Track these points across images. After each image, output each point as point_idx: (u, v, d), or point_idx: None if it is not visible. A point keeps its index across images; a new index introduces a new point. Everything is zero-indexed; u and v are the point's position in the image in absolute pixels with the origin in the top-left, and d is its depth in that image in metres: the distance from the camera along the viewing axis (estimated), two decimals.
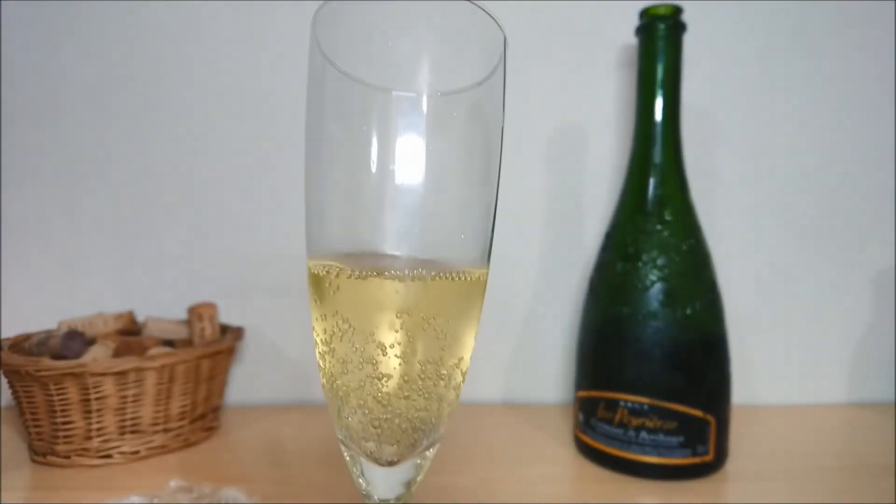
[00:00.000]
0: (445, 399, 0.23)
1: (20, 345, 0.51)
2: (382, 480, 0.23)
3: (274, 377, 0.63)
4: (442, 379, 0.22)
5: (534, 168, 0.61)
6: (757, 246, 0.62)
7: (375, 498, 0.23)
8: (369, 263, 0.21)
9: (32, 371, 0.44)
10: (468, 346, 0.23)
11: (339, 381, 0.22)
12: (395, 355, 0.21)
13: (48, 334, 0.51)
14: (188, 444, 0.50)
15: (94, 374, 0.44)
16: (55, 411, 0.45)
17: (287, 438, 0.53)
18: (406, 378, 0.21)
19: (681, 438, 0.43)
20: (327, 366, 0.22)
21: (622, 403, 0.44)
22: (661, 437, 0.43)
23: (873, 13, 0.60)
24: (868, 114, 0.61)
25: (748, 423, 0.54)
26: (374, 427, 0.22)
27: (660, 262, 0.44)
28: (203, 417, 0.52)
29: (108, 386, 0.45)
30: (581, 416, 0.48)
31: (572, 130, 0.61)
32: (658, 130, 0.45)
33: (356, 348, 0.21)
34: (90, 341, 0.51)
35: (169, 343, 0.55)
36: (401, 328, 0.21)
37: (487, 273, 0.23)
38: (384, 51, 0.21)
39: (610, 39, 0.60)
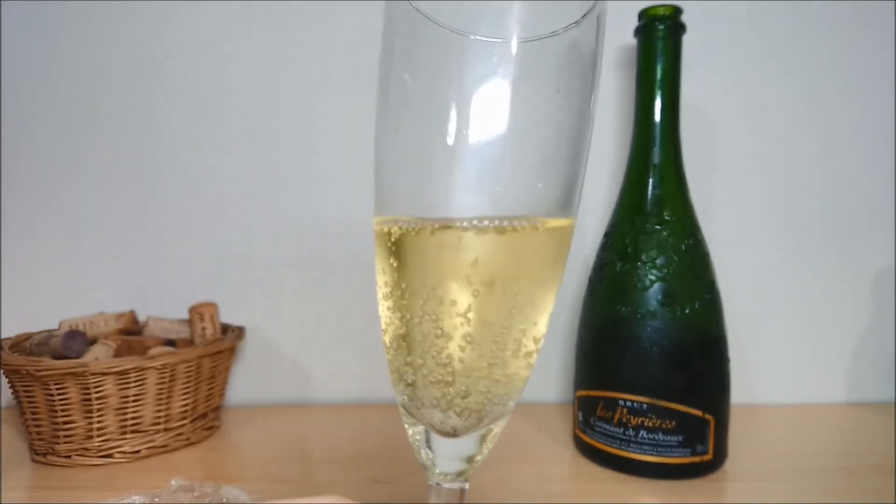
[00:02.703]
0: (513, 367, 0.21)
1: (21, 344, 0.51)
2: (444, 452, 0.22)
3: (275, 377, 0.63)
4: (511, 344, 0.21)
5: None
6: (756, 246, 0.62)
7: (437, 470, 0.22)
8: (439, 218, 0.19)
9: (33, 371, 0.44)
10: (544, 310, 0.21)
11: (402, 341, 0.21)
12: (459, 314, 0.19)
13: (49, 334, 0.51)
14: (189, 444, 0.50)
15: (95, 374, 0.44)
16: (56, 411, 0.46)
17: (288, 438, 0.53)
18: (470, 340, 0.20)
19: (680, 438, 0.43)
20: (390, 325, 0.21)
21: (621, 403, 0.44)
22: (660, 436, 0.43)
23: (873, 13, 0.60)
24: (868, 114, 0.61)
25: (747, 423, 0.54)
26: (437, 394, 0.20)
27: (659, 261, 0.44)
28: (204, 417, 0.52)
29: (109, 385, 0.45)
30: (580, 416, 0.48)
31: None
32: (657, 131, 0.45)
33: (420, 306, 0.20)
34: (91, 341, 0.51)
35: (170, 342, 0.55)
36: (467, 285, 0.19)
37: (573, 224, 0.21)
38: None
39: (610, 39, 0.60)
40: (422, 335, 0.20)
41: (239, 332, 0.55)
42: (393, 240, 0.20)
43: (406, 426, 0.23)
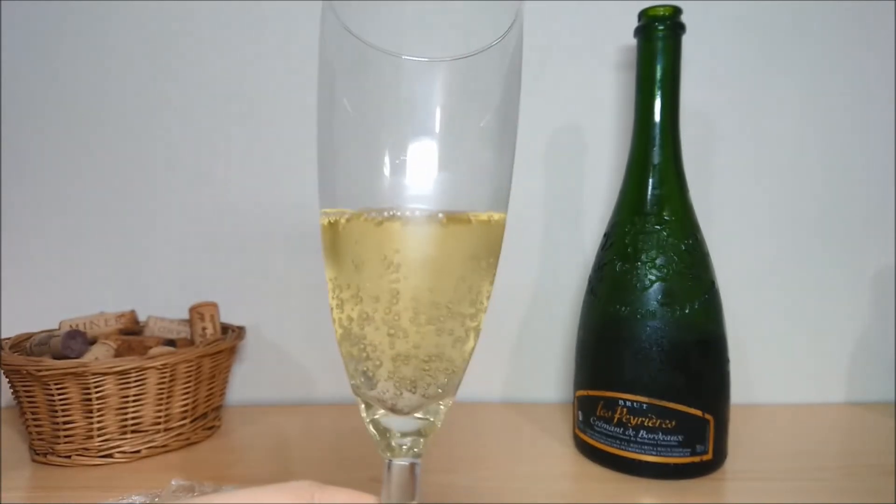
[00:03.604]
0: (452, 349, 0.23)
1: (21, 344, 0.51)
2: (395, 429, 0.23)
3: (275, 376, 0.63)
4: (450, 328, 0.22)
5: (533, 168, 0.61)
6: (756, 245, 0.62)
7: (390, 446, 0.24)
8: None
9: (33, 371, 0.44)
10: (480, 297, 0.23)
11: (351, 328, 0.23)
12: (406, 296, 0.21)
13: (49, 334, 0.51)
14: (189, 444, 0.51)
15: (95, 374, 0.45)
16: (56, 411, 0.46)
17: (288, 437, 0.53)
18: (413, 322, 0.21)
19: (680, 438, 0.43)
20: (341, 313, 0.23)
21: (621, 402, 0.44)
22: (660, 436, 0.43)
23: (873, 13, 0.60)
24: (868, 114, 0.61)
25: (747, 423, 0.54)
26: (384, 375, 0.22)
27: (659, 261, 0.44)
28: (204, 417, 0.52)
29: (110, 385, 0.45)
30: (580, 415, 0.48)
31: (571, 130, 0.62)
32: (657, 131, 0.45)
33: (367, 292, 0.22)
34: (91, 341, 0.51)
35: (170, 342, 0.55)
36: (407, 268, 0.21)
37: (505, 217, 0.24)
38: (396, 16, 0.21)
39: (610, 40, 0.60)
40: (368, 320, 0.22)
41: (239, 331, 0.55)
42: (338, 228, 0.22)
43: (360, 406, 0.24)
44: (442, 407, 0.24)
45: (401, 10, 0.22)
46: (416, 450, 0.24)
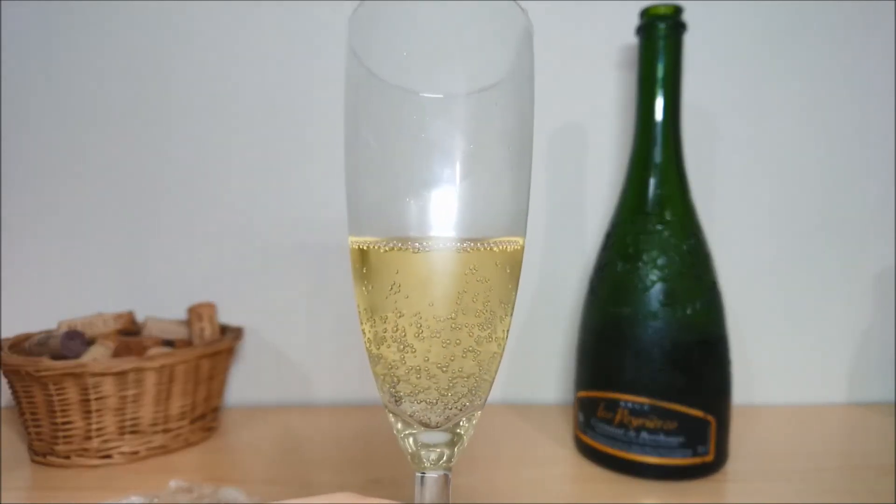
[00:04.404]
0: (480, 368, 0.24)
1: (20, 345, 0.51)
2: (425, 442, 0.24)
3: (273, 377, 0.63)
4: (477, 346, 0.23)
5: (534, 168, 0.61)
6: (757, 246, 0.61)
7: (420, 460, 0.24)
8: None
9: (32, 371, 0.44)
10: (504, 318, 0.24)
11: (379, 350, 0.24)
12: (433, 318, 0.22)
13: (48, 334, 0.51)
14: (188, 445, 0.50)
15: (93, 375, 0.44)
16: (55, 411, 0.45)
17: (287, 438, 0.53)
18: (440, 342, 0.22)
19: (681, 439, 0.43)
20: (369, 334, 0.24)
21: (622, 404, 0.44)
22: (661, 437, 0.43)
23: (873, 13, 0.60)
24: (868, 114, 0.61)
25: (748, 424, 0.54)
26: (414, 391, 0.23)
27: (660, 262, 0.44)
28: (203, 417, 0.52)
29: (108, 386, 0.45)
30: (581, 417, 0.48)
31: (572, 130, 0.61)
32: (658, 130, 0.45)
33: (391, 318, 0.23)
34: (90, 341, 0.51)
35: (169, 343, 0.55)
36: (439, 295, 0.22)
37: (523, 243, 0.25)
38: (411, 53, 0.22)
39: (610, 39, 0.60)
40: (392, 345, 0.23)
41: (237, 332, 0.55)
42: (369, 256, 0.23)
43: (391, 419, 0.25)
44: (472, 421, 0.25)
45: (415, 33, 0.22)
46: (445, 462, 0.25)
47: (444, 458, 0.24)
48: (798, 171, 0.61)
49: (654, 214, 0.45)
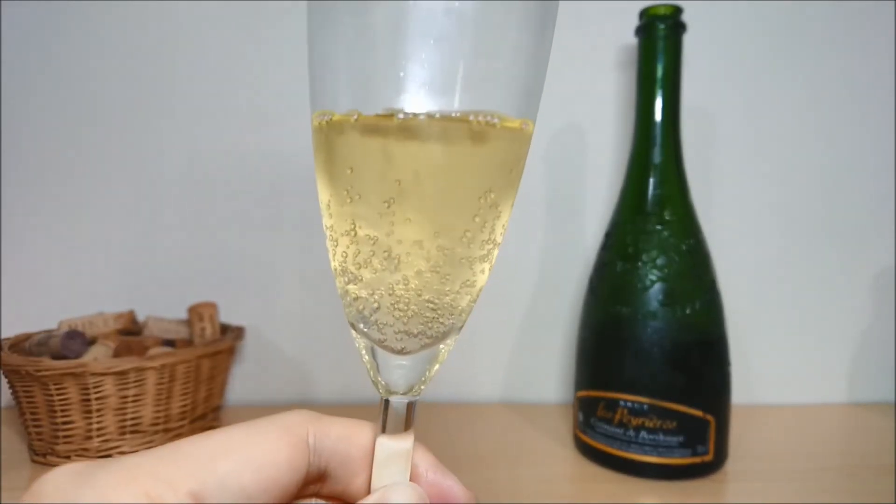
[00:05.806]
0: (462, 277, 0.20)
1: (20, 345, 0.51)
2: (393, 368, 0.22)
3: (274, 377, 0.63)
4: (461, 251, 0.19)
5: (534, 168, 0.61)
6: (757, 246, 0.62)
7: (386, 386, 0.22)
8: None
9: (32, 371, 0.44)
10: (500, 218, 0.20)
11: (347, 252, 0.20)
12: (406, 218, 0.18)
13: (48, 334, 0.51)
14: None
15: (94, 374, 0.44)
16: (55, 411, 0.45)
17: None
18: (419, 246, 0.19)
19: (681, 438, 0.43)
20: (335, 235, 0.21)
21: (622, 403, 0.44)
22: (660, 436, 0.43)
23: (873, 13, 0.60)
24: (868, 114, 0.61)
25: (748, 423, 0.54)
26: (386, 308, 0.20)
27: (660, 262, 0.44)
28: (203, 417, 0.52)
29: (109, 386, 0.45)
30: (581, 416, 0.48)
31: (572, 130, 0.61)
32: (658, 130, 0.45)
33: (362, 210, 0.19)
34: (90, 341, 0.51)
35: (169, 343, 0.55)
36: (409, 183, 0.18)
37: (532, 126, 0.20)
38: None
39: (610, 39, 0.60)
40: (370, 241, 0.19)
41: (238, 332, 0.55)
42: (332, 134, 0.19)
43: (356, 343, 0.22)
44: (443, 348, 0.22)
45: None
46: (415, 389, 0.22)
47: (413, 385, 0.22)
48: (798, 172, 0.61)
49: (654, 214, 0.45)
